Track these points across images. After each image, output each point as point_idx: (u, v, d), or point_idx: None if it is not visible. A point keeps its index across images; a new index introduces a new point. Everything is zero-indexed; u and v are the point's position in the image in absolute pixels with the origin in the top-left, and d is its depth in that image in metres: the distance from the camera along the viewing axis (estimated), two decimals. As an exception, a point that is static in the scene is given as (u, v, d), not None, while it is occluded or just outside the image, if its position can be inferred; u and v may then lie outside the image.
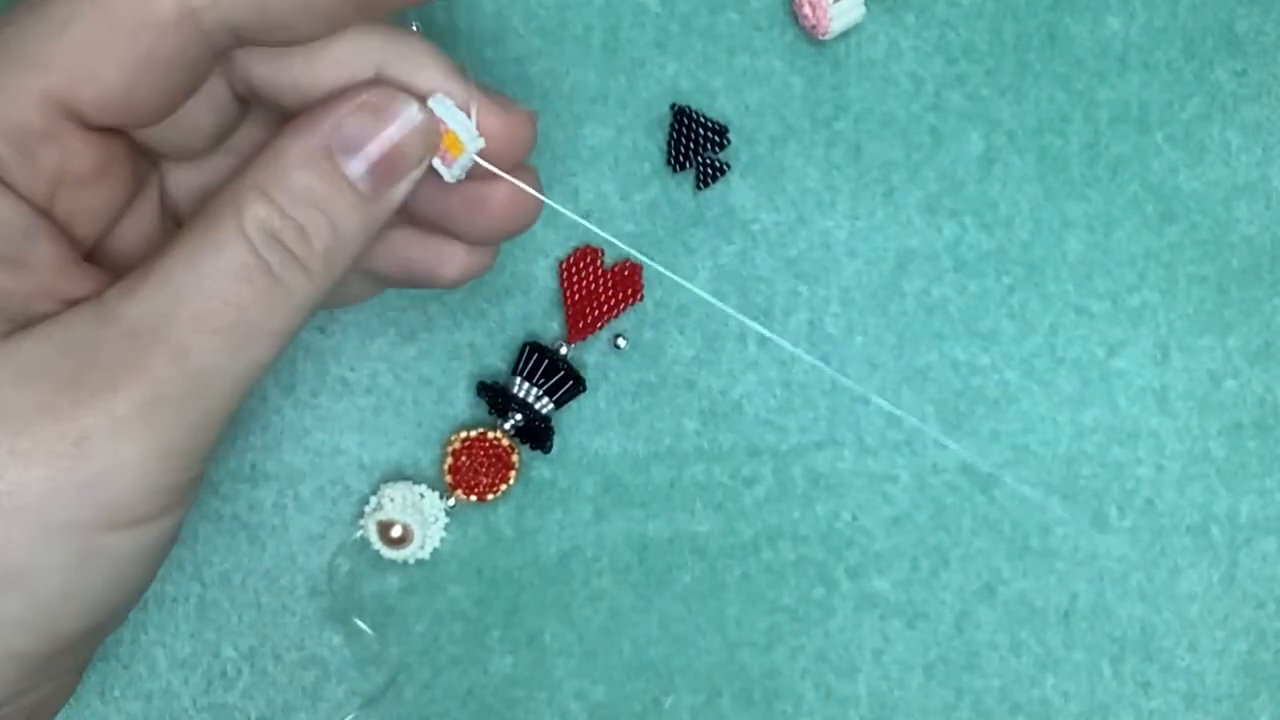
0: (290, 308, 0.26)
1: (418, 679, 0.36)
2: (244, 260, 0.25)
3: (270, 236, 0.25)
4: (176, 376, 0.24)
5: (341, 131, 0.26)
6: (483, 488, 0.35)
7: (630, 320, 0.36)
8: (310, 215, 0.26)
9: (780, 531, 0.36)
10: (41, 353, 0.24)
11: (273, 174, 0.26)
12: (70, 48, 0.25)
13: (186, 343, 0.24)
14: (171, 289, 0.25)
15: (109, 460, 0.24)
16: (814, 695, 0.36)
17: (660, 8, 0.37)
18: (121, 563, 0.25)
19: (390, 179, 0.27)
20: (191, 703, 0.36)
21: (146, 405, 0.24)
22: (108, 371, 0.24)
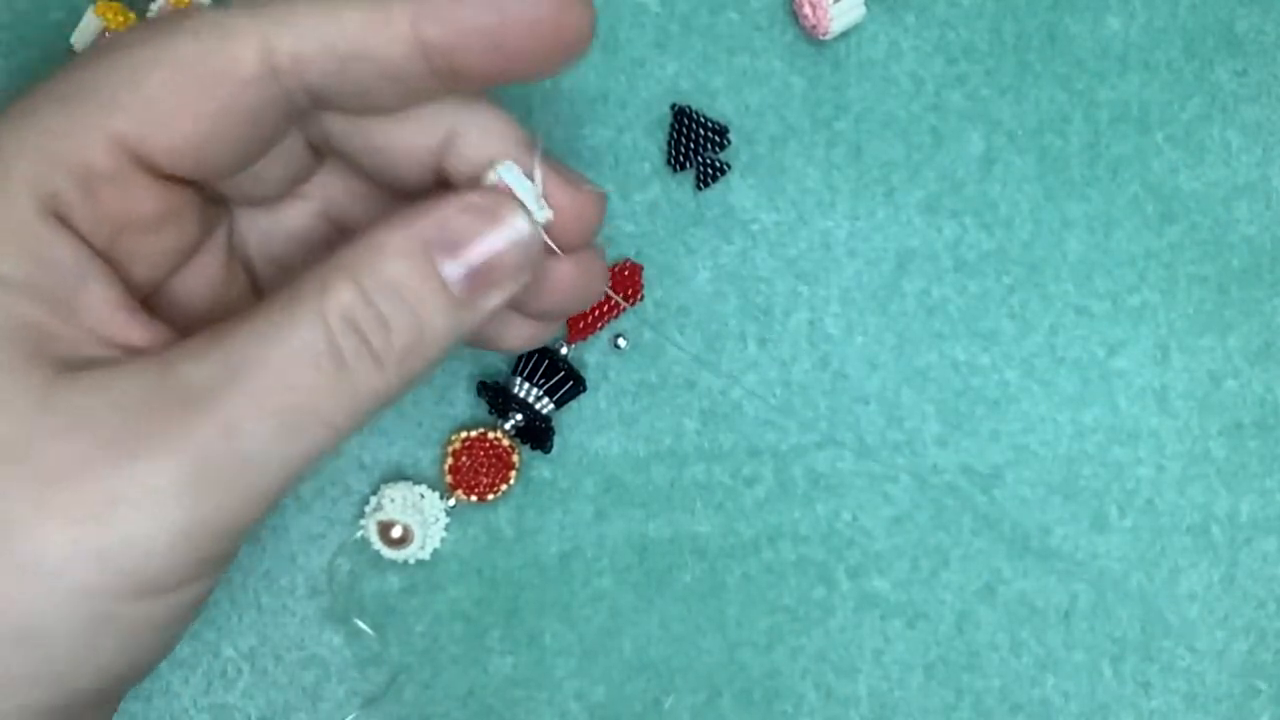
0: (355, 402, 0.25)
1: (418, 679, 0.36)
2: (316, 345, 0.24)
3: (350, 324, 0.24)
4: (223, 454, 0.23)
5: (444, 231, 0.25)
6: (483, 488, 0.35)
7: (630, 320, 0.36)
8: (396, 309, 0.25)
9: (780, 531, 0.36)
10: (89, 405, 0.23)
11: (365, 260, 0.25)
12: (145, 94, 0.25)
13: (240, 420, 0.23)
14: (236, 361, 0.24)
15: (137, 530, 0.23)
16: (814, 695, 0.36)
17: (660, 8, 0.37)
18: (137, 631, 0.24)
19: (485, 288, 0.26)
20: (192, 702, 0.36)
21: (186, 480, 0.23)
22: (153, 437, 0.23)
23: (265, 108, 0.25)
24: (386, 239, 0.25)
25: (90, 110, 0.25)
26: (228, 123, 0.25)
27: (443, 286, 0.25)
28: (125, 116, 0.25)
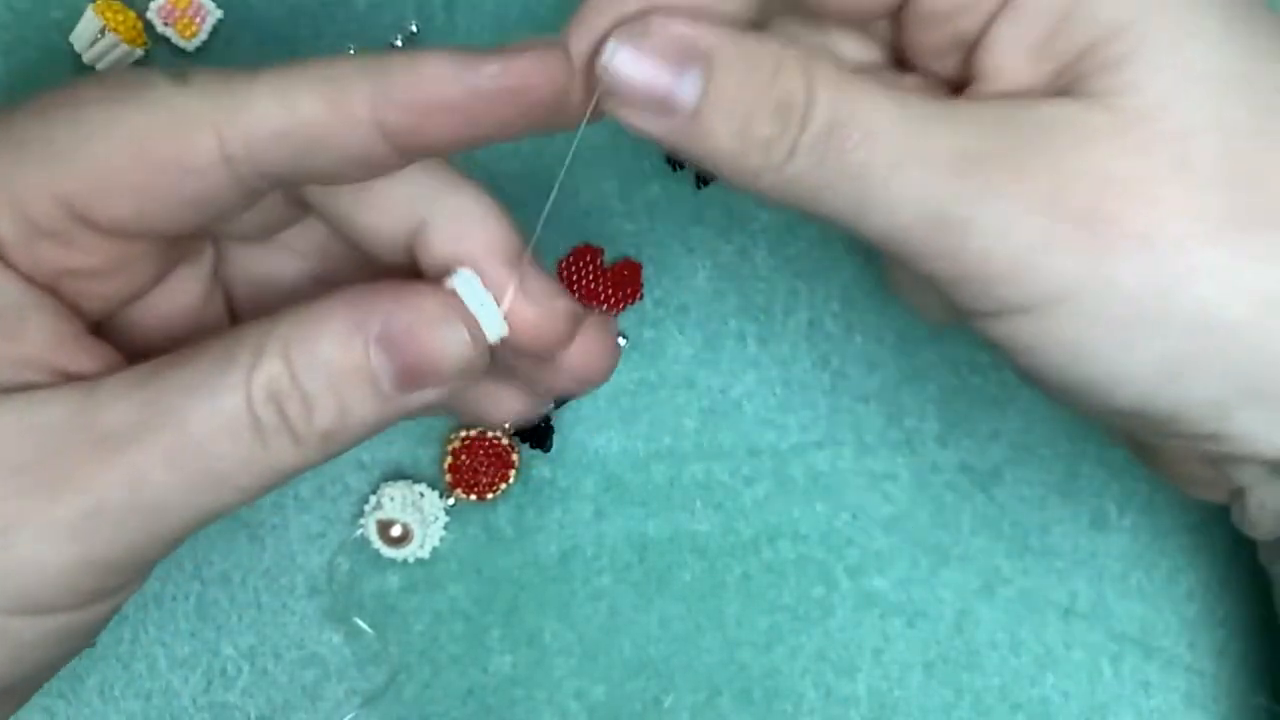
0: (265, 472, 0.24)
1: (418, 678, 0.36)
2: (236, 414, 0.24)
3: (273, 398, 0.24)
4: (125, 499, 0.23)
5: (385, 324, 0.24)
6: (482, 487, 0.35)
7: (630, 319, 0.36)
8: (321, 390, 0.24)
9: (780, 530, 0.36)
10: (5, 431, 0.24)
11: (300, 335, 0.24)
12: (92, 162, 0.24)
13: (147, 472, 0.23)
14: (154, 411, 0.24)
15: (30, 558, 0.23)
16: (814, 694, 0.36)
17: (660, 7, 0.37)
18: (25, 644, 0.24)
19: (414, 387, 0.25)
20: (191, 701, 0.36)
21: (85, 516, 0.23)
22: (59, 471, 0.23)
23: (216, 192, 0.25)
24: (326, 317, 0.24)
25: (37, 166, 0.24)
26: (175, 203, 0.25)
27: (370, 377, 0.24)
28: (71, 180, 0.24)
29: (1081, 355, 0.25)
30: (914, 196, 0.24)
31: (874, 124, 0.24)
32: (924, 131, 0.24)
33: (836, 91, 0.25)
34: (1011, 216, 0.24)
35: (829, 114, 0.25)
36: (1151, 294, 0.24)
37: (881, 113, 0.25)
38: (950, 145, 0.24)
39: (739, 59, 0.25)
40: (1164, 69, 0.24)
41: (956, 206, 0.24)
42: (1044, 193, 0.24)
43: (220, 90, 0.24)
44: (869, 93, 0.25)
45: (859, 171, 0.24)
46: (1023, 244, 0.24)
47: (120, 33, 0.35)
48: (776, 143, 0.25)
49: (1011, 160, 0.24)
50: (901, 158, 0.24)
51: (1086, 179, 0.24)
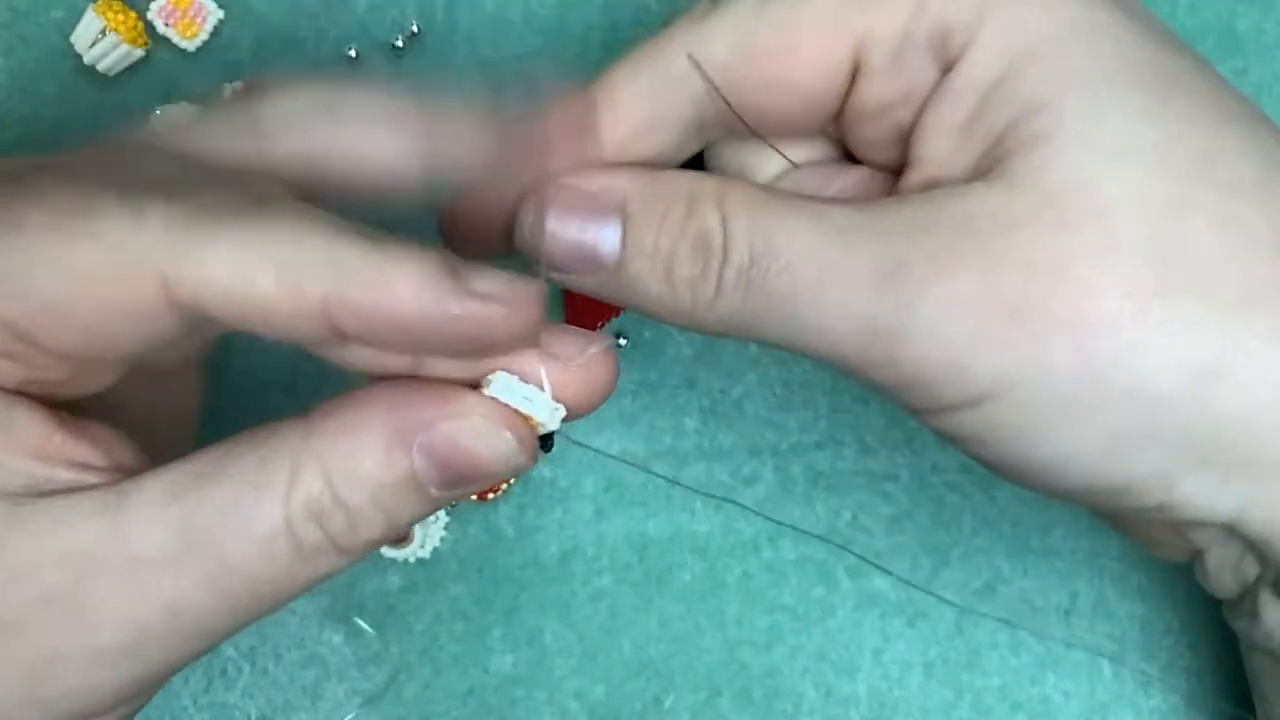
0: (307, 585, 0.24)
1: (418, 678, 0.36)
2: (275, 537, 0.23)
3: (314, 516, 0.23)
4: (167, 626, 0.23)
5: (428, 437, 0.24)
6: (483, 487, 0.35)
7: (630, 319, 0.36)
8: (365, 506, 0.24)
9: (780, 530, 0.36)
10: (36, 554, 0.23)
11: (338, 449, 0.23)
12: (37, 295, 0.23)
13: (186, 595, 0.23)
14: (189, 533, 0.23)
15: (78, 685, 0.23)
16: (814, 694, 0.36)
17: (660, 6, 0.37)
18: None
19: (458, 488, 0.25)
20: (192, 701, 0.36)
21: (127, 647, 0.23)
22: (97, 601, 0.23)
23: (159, 330, 0.24)
24: (363, 429, 0.24)
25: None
26: (119, 337, 0.24)
27: (416, 484, 0.24)
28: (15, 308, 0.23)
29: (1026, 442, 0.25)
30: (842, 314, 0.24)
31: (793, 249, 0.25)
32: (845, 246, 0.25)
33: (752, 221, 0.25)
34: (939, 320, 0.24)
35: (747, 246, 0.25)
36: (1087, 377, 0.24)
37: (800, 235, 0.25)
38: (872, 257, 0.24)
39: (652, 202, 0.26)
40: (1082, 145, 0.24)
41: (885, 319, 0.24)
42: (969, 291, 0.24)
43: (176, 237, 0.23)
44: (787, 216, 0.25)
45: (785, 299, 0.25)
46: (955, 345, 0.24)
47: (121, 33, 0.34)
48: (701, 282, 0.25)
49: (934, 263, 0.24)
50: (824, 279, 0.24)
51: (1010, 270, 0.24)
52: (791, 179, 0.29)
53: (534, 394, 0.25)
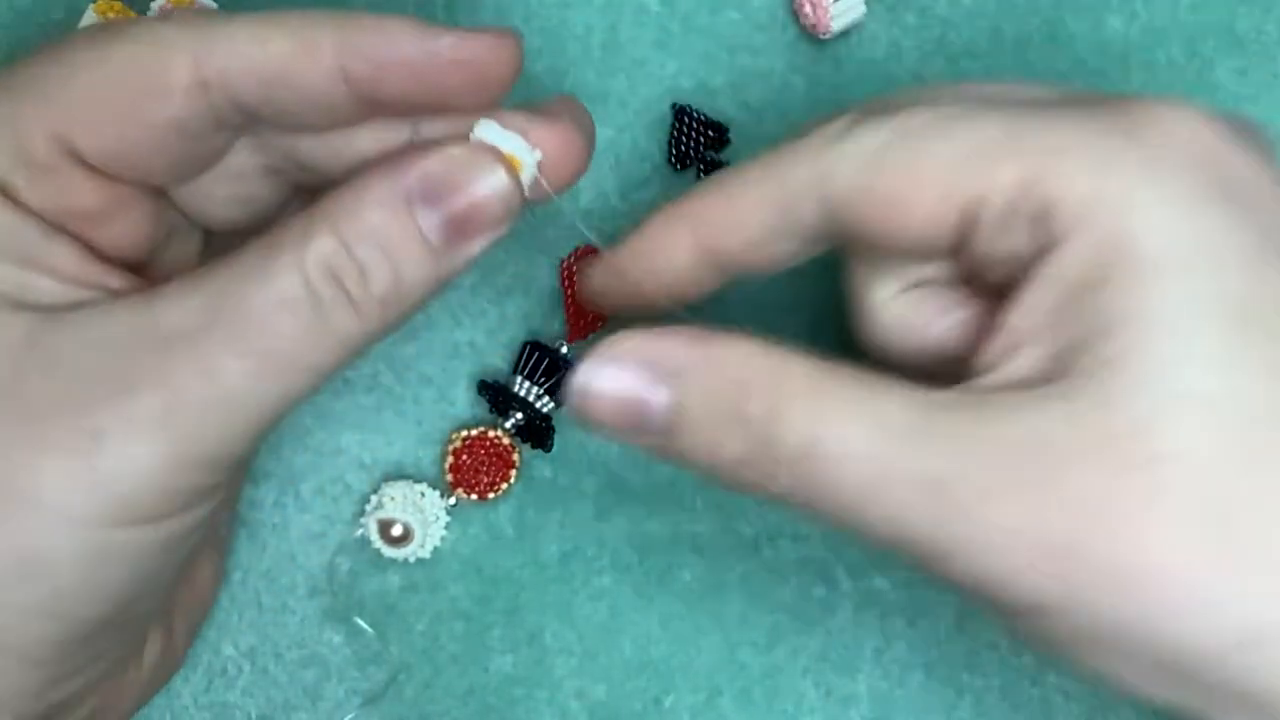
0: (331, 346, 0.26)
1: (418, 677, 0.36)
2: (293, 291, 0.25)
3: (328, 272, 0.25)
4: (200, 391, 0.24)
5: (424, 182, 0.26)
6: (483, 486, 0.35)
7: (630, 319, 0.36)
8: (375, 258, 0.26)
9: (780, 530, 0.36)
10: (69, 346, 0.25)
11: (346, 209, 0.26)
12: (77, 94, 0.26)
13: (217, 361, 0.24)
14: (215, 305, 0.25)
15: (123, 459, 0.24)
16: (814, 694, 0.36)
17: (660, 7, 0.37)
18: (136, 557, 0.25)
19: (464, 238, 0.27)
20: (192, 701, 0.36)
21: (164, 413, 0.24)
22: (132, 373, 0.24)
23: (193, 118, 0.26)
24: (367, 188, 0.26)
25: (30, 104, 0.26)
26: (154, 128, 0.26)
27: (420, 237, 0.26)
28: (58, 113, 0.26)
29: (1073, 653, 0.25)
30: (888, 519, 0.24)
31: (845, 449, 0.24)
32: (899, 454, 0.24)
33: (806, 413, 0.25)
34: (985, 545, 0.24)
35: (797, 440, 0.25)
36: (1128, 622, 0.23)
37: (854, 436, 0.24)
38: (925, 470, 0.24)
39: (705, 379, 0.26)
40: (1155, 385, 0.23)
41: (933, 530, 0.24)
42: (1016, 522, 0.23)
43: (199, 23, 0.26)
44: (843, 410, 0.25)
45: (835, 493, 0.25)
46: (1001, 568, 0.24)
47: (121, 32, 0.35)
48: (748, 464, 0.25)
49: (986, 488, 0.24)
50: (875, 484, 0.24)
51: (1060, 504, 0.23)
52: (912, 297, 0.29)
53: (513, 138, 0.27)
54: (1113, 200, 0.24)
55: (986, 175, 0.25)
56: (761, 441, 0.25)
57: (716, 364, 0.26)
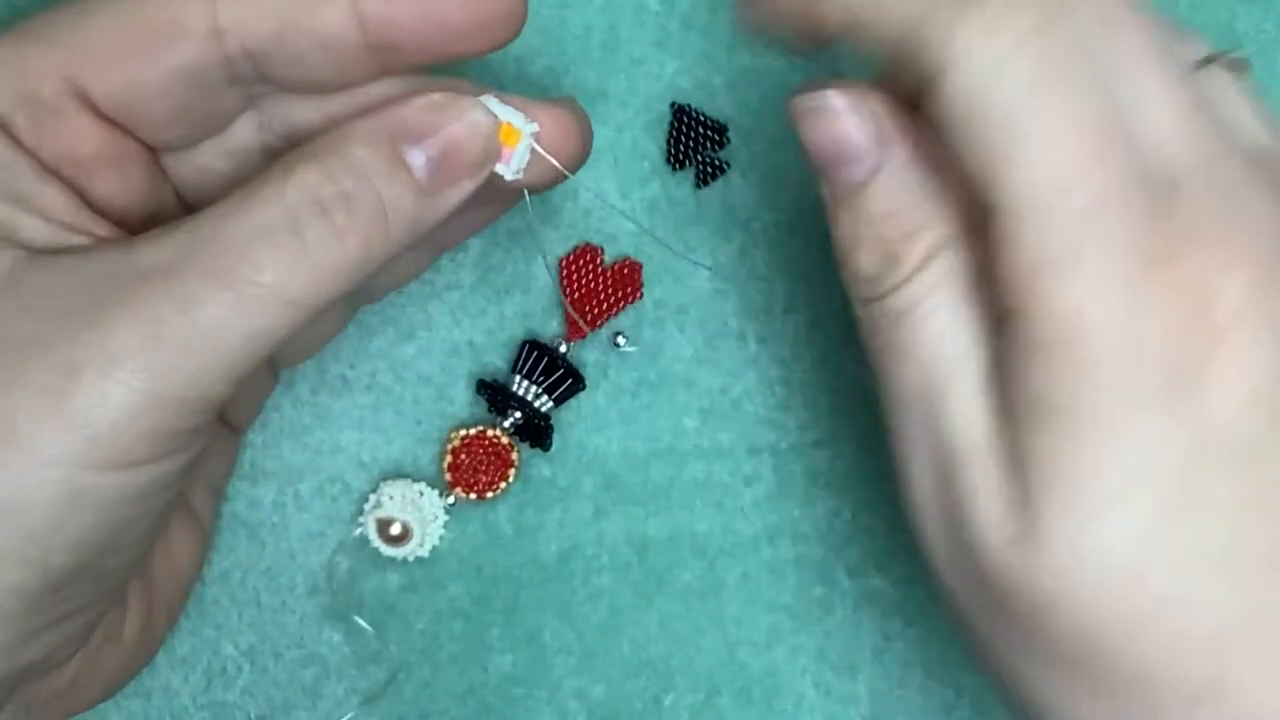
0: (315, 278, 0.25)
1: (417, 677, 0.36)
2: (273, 221, 0.25)
3: (312, 200, 0.25)
4: (178, 324, 0.24)
5: (406, 122, 0.26)
6: (482, 486, 0.35)
7: (630, 318, 0.36)
8: (361, 186, 0.25)
9: (780, 530, 0.36)
10: (50, 284, 0.24)
11: (330, 147, 0.26)
12: (89, 37, 0.26)
13: (195, 293, 0.24)
14: (194, 239, 0.24)
15: (98, 396, 0.24)
16: (814, 693, 0.36)
17: (660, 6, 0.37)
18: (110, 503, 0.25)
19: (447, 179, 0.27)
20: (191, 700, 0.36)
21: (141, 346, 0.24)
22: (109, 309, 0.24)
23: (206, 66, 0.26)
24: (352, 128, 0.26)
25: (40, 47, 0.26)
26: (167, 72, 0.26)
27: (407, 169, 0.26)
28: (69, 56, 0.26)
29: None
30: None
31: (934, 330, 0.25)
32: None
33: (932, 283, 0.25)
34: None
35: (910, 295, 0.25)
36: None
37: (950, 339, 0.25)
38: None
39: (884, 190, 0.26)
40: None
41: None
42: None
43: None
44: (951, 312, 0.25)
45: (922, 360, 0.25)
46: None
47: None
48: (868, 281, 0.26)
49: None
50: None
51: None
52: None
53: (510, 110, 0.28)
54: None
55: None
56: (889, 270, 0.26)
57: (898, 182, 0.26)
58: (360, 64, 0.27)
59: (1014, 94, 0.23)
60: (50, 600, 0.25)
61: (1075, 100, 0.23)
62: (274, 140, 0.29)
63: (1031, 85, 0.23)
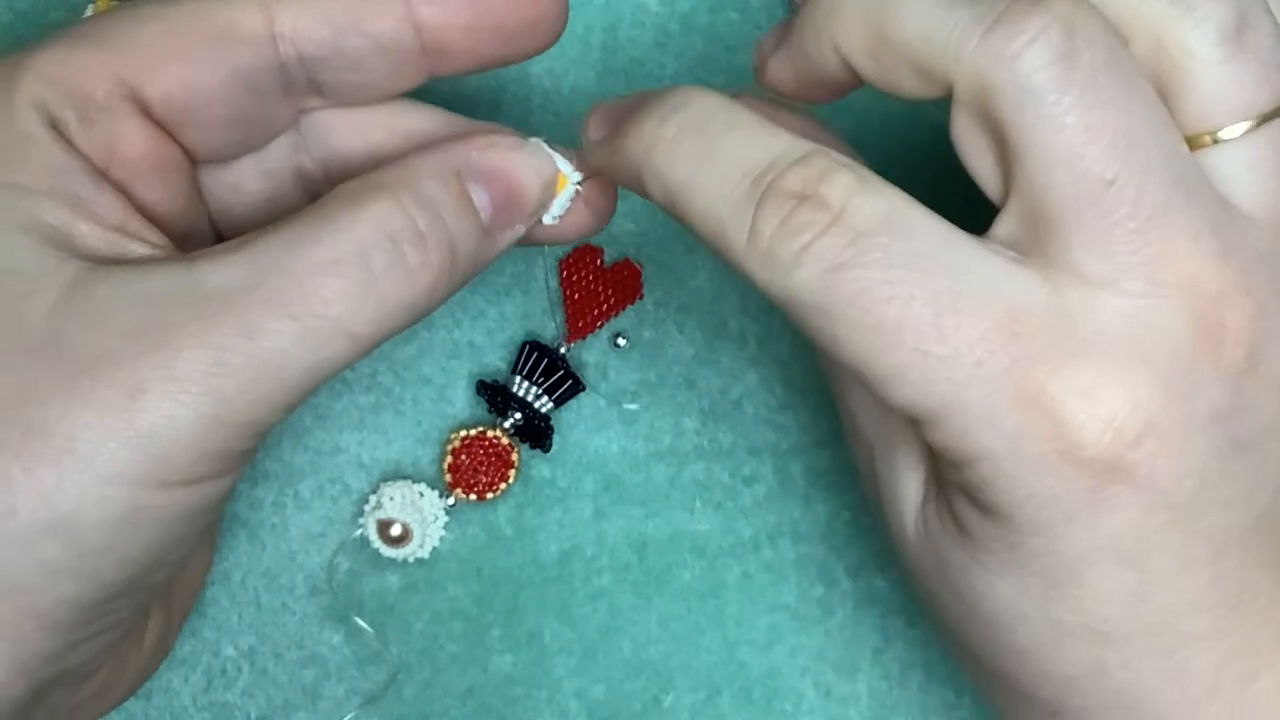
0: (379, 314, 0.25)
1: (418, 677, 0.36)
2: (344, 253, 0.24)
3: (384, 235, 0.25)
4: (242, 351, 0.24)
5: (473, 159, 0.27)
6: (482, 486, 0.35)
7: (630, 319, 0.36)
8: (433, 224, 0.25)
9: (780, 530, 0.36)
10: (111, 299, 0.24)
11: (401, 179, 0.26)
12: (145, 40, 0.26)
13: (260, 321, 0.24)
14: (260, 265, 0.24)
15: (162, 416, 0.24)
16: (814, 694, 0.36)
17: (660, 7, 0.37)
18: (167, 521, 0.25)
19: (506, 218, 0.27)
20: (191, 701, 0.36)
21: (206, 370, 0.24)
22: (174, 330, 0.24)
23: (260, 70, 0.27)
24: (420, 161, 0.26)
25: (94, 49, 0.26)
26: (223, 74, 0.26)
27: (474, 209, 0.26)
28: (124, 57, 0.26)
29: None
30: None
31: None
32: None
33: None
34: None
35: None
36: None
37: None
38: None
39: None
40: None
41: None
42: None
43: None
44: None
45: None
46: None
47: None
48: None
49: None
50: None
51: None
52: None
53: (559, 157, 0.28)
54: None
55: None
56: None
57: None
58: (412, 69, 0.28)
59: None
60: (99, 612, 0.26)
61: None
62: (310, 164, 0.29)
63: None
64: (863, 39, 0.26)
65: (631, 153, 0.26)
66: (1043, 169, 0.24)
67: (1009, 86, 0.23)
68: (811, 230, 0.24)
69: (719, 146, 0.25)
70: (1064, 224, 0.24)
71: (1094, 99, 0.23)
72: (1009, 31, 0.23)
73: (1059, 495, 0.24)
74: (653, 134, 0.26)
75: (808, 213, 0.24)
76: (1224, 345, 0.24)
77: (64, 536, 0.24)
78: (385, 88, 0.28)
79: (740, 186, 0.24)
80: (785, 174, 0.24)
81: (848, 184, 0.24)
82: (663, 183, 0.26)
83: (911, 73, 0.25)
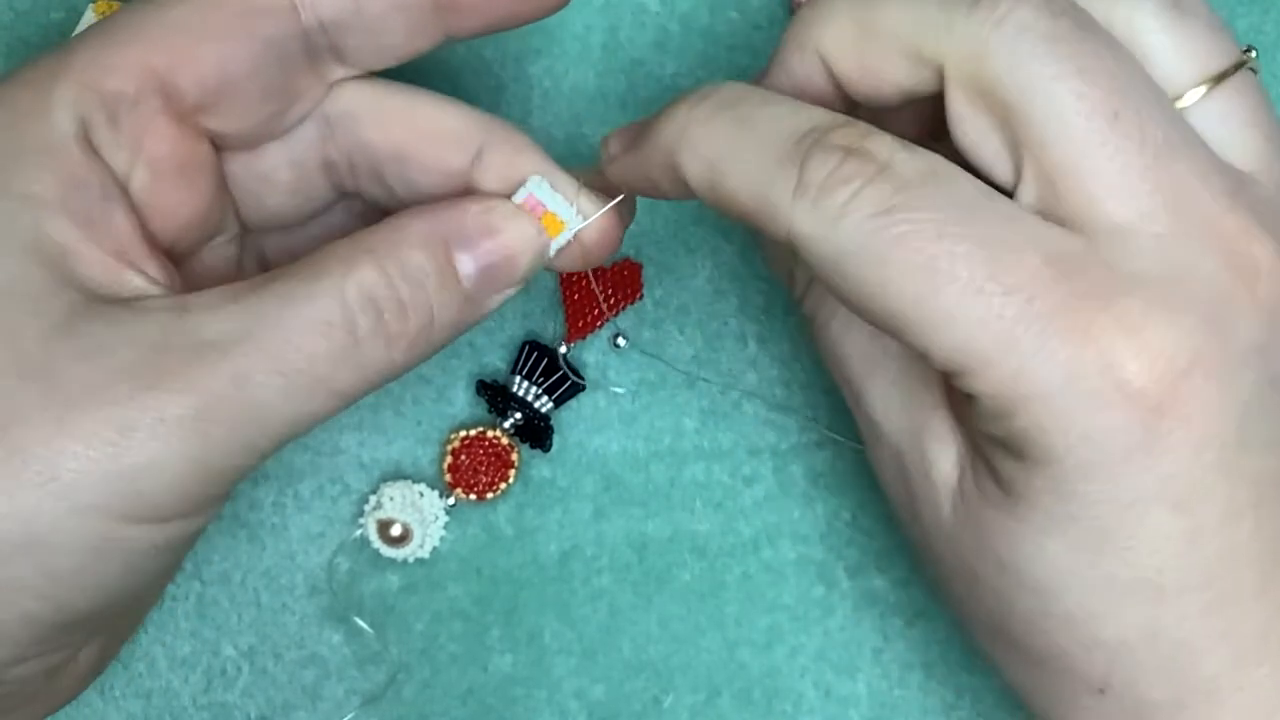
0: (360, 374, 0.26)
1: (417, 677, 0.36)
2: (332, 316, 0.25)
3: (369, 301, 0.26)
4: (230, 400, 0.25)
5: (463, 229, 0.27)
6: (482, 486, 0.35)
7: (630, 319, 0.36)
8: (415, 295, 0.26)
9: (780, 530, 0.36)
10: (106, 337, 0.25)
11: (389, 244, 0.26)
12: (172, 23, 0.27)
13: (249, 373, 0.25)
14: (252, 319, 0.25)
15: (148, 456, 0.24)
16: (814, 694, 0.36)
17: (660, 7, 0.37)
18: (137, 554, 0.25)
19: (493, 286, 0.28)
20: (191, 701, 0.36)
21: (195, 416, 0.24)
22: (168, 373, 0.24)
23: (286, 40, 0.27)
24: (410, 226, 0.27)
25: (123, 42, 0.26)
26: (253, 49, 0.27)
27: (458, 279, 0.27)
28: (152, 46, 0.26)
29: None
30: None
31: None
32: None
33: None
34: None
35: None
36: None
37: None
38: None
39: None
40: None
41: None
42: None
43: None
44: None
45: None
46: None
47: (121, 33, 0.35)
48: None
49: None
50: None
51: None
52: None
53: (560, 200, 0.28)
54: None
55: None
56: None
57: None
58: (429, 27, 0.28)
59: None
60: (56, 635, 0.26)
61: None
62: (337, 155, 0.30)
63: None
64: (851, 36, 0.27)
65: (665, 139, 0.27)
66: (1049, 120, 0.24)
67: (1002, 49, 0.24)
68: (861, 178, 0.24)
69: (759, 115, 0.26)
70: (1081, 172, 0.24)
71: (1083, 48, 0.24)
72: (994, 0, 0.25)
73: (1113, 433, 0.24)
74: (687, 116, 0.27)
75: (855, 164, 0.24)
76: (1259, 281, 0.24)
77: (35, 557, 0.24)
78: (404, 48, 0.28)
79: (785, 146, 0.25)
80: (830, 132, 0.25)
81: (890, 142, 0.25)
82: (701, 155, 0.26)
83: (901, 61, 0.26)
